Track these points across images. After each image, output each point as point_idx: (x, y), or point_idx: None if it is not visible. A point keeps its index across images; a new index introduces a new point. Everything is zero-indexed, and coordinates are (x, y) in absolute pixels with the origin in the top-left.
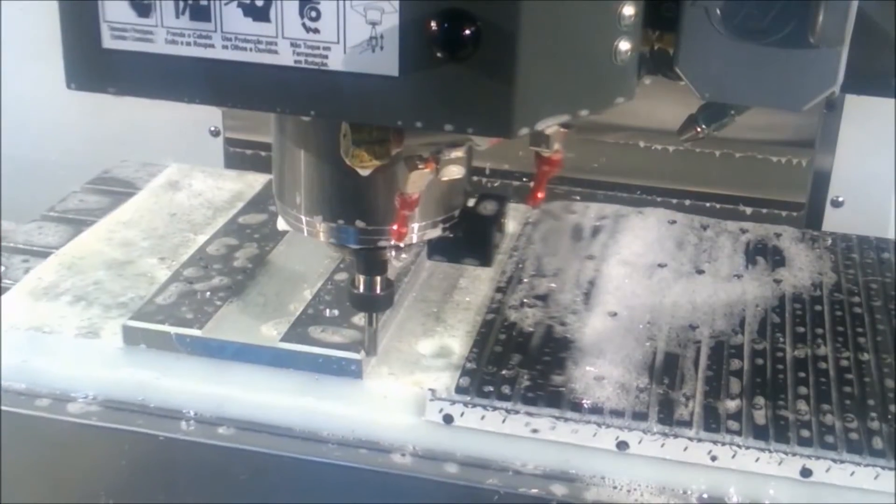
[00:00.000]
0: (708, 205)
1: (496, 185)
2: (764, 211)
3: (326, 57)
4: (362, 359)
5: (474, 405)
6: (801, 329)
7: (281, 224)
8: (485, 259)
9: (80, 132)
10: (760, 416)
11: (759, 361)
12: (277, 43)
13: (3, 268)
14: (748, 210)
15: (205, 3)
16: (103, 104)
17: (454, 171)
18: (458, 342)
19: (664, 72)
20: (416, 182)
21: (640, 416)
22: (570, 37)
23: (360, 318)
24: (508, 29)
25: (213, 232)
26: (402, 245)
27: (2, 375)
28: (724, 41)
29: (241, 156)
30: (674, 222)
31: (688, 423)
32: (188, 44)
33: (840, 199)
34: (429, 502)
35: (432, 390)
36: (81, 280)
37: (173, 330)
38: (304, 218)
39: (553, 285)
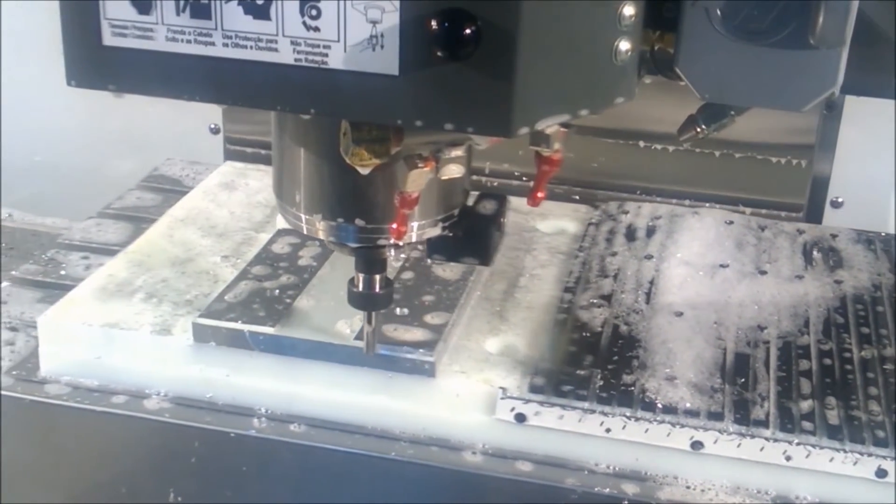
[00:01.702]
0: (707, 205)
1: (495, 184)
2: (763, 212)
3: (327, 55)
4: (435, 358)
5: (550, 404)
6: (866, 330)
7: (280, 222)
8: (484, 258)
9: (79, 129)
10: (833, 417)
11: (827, 362)
12: (278, 41)
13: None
14: (747, 211)
15: (205, 0)
16: (103, 101)
17: (454, 170)
18: (523, 341)
19: (664, 72)
20: (416, 181)
21: (716, 416)
22: (570, 37)
23: (431, 317)
24: (508, 28)
25: (274, 230)
26: (401, 244)
27: (73, 372)
28: (724, 42)
29: (240, 153)
30: (731, 223)
31: (764, 424)
32: (189, 41)
33: (840, 199)
34: (501, 500)
35: (503, 389)
36: (151, 277)
37: (247, 328)
38: (303, 216)
39: (616, 285)
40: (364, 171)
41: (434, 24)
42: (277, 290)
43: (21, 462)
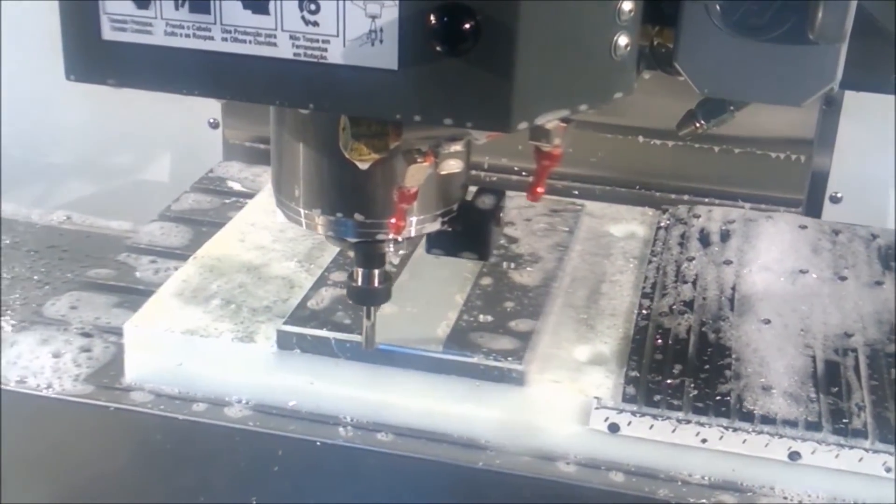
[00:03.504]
0: (707, 200)
1: (494, 179)
2: (763, 206)
3: (326, 50)
4: (525, 368)
5: (643, 414)
6: None
7: (279, 217)
8: (483, 253)
9: (78, 123)
10: None
11: None
12: (277, 36)
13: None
14: (746, 206)
15: None
16: (102, 94)
17: (453, 165)
18: (610, 349)
19: (663, 67)
20: (415, 176)
21: (814, 427)
22: (569, 32)
23: (516, 324)
24: (508, 23)
25: None
26: (400, 239)
27: (156, 379)
28: (723, 37)
29: (240, 148)
30: (804, 227)
31: (863, 434)
32: (187, 36)
33: (838, 195)
34: None
35: (598, 398)
36: (226, 283)
37: (333, 335)
38: (302, 211)
39: (697, 292)
40: (363, 166)
41: (433, 18)
42: None
43: (99, 470)
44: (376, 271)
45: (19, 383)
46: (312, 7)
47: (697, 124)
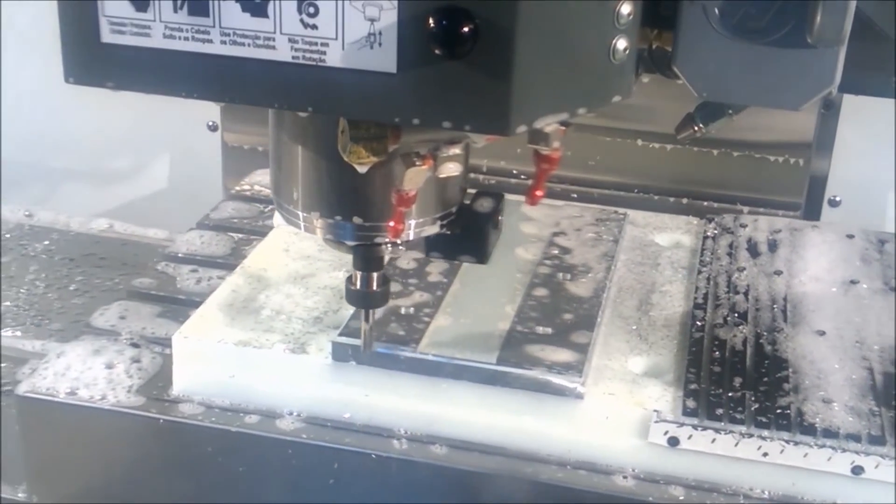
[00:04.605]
0: (706, 204)
1: (493, 182)
2: (761, 210)
3: (324, 53)
4: (585, 388)
5: (704, 428)
6: None
7: (277, 220)
8: (481, 256)
9: (76, 126)
10: None
11: None
12: (275, 38)
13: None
14: (745, 209)
15: None
16: (100, 97)
17: (451, 169)
18: (665, 360)
19: (662, 70)
20: (414, 179)
21: (877, 441)
22: (568, 35)
23: (577, 337)
24: (506, 27)
25: None
26: (398, 242)
27: (205, 391)
28: (722, 40)
29: (239, 151)
30: (851, 236)
31: None
32: (186, 39)
33: (837, 198)
34: None
35: (657, 412)
36: (275, 293)
37: (389, 347)
38: (301, 214)
39: (750, 303)
40: (362, 169)
41: (432, 21)
42: (413, 308)
43: (152, 482)
44: (374, 274)
45: (69, 395)
46: (311, 10)
47: (696, 128)
